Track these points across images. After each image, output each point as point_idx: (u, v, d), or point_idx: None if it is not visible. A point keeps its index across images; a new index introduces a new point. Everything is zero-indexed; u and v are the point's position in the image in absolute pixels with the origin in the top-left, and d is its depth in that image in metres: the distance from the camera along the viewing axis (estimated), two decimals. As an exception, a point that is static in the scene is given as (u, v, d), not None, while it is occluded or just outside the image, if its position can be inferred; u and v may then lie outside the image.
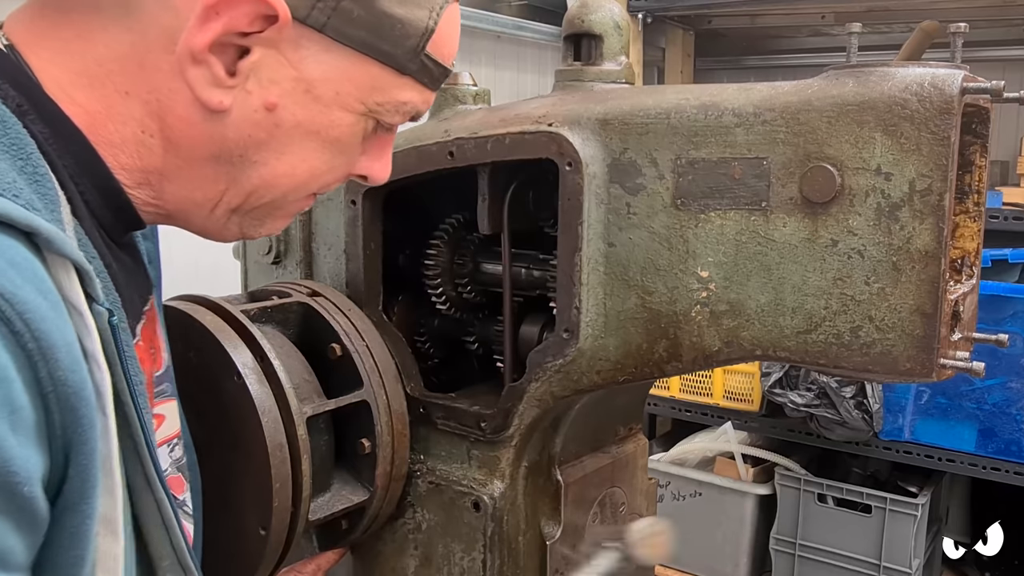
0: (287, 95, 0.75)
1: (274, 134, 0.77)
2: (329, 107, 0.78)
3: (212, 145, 0.76)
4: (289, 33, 0.73)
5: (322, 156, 0.81)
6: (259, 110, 0.75)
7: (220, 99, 0.73)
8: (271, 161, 0.78)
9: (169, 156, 0.76)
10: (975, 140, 1.06)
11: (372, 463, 1.24)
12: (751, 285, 1.06)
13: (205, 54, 0.71)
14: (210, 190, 0.79)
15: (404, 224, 1.41)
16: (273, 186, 0.80)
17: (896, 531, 2.87)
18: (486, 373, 1.43)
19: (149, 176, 0.77)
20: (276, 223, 0.87)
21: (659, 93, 1.14)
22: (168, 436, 0.94)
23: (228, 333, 1.13)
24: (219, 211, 0.81)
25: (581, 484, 1.35)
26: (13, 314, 0.57)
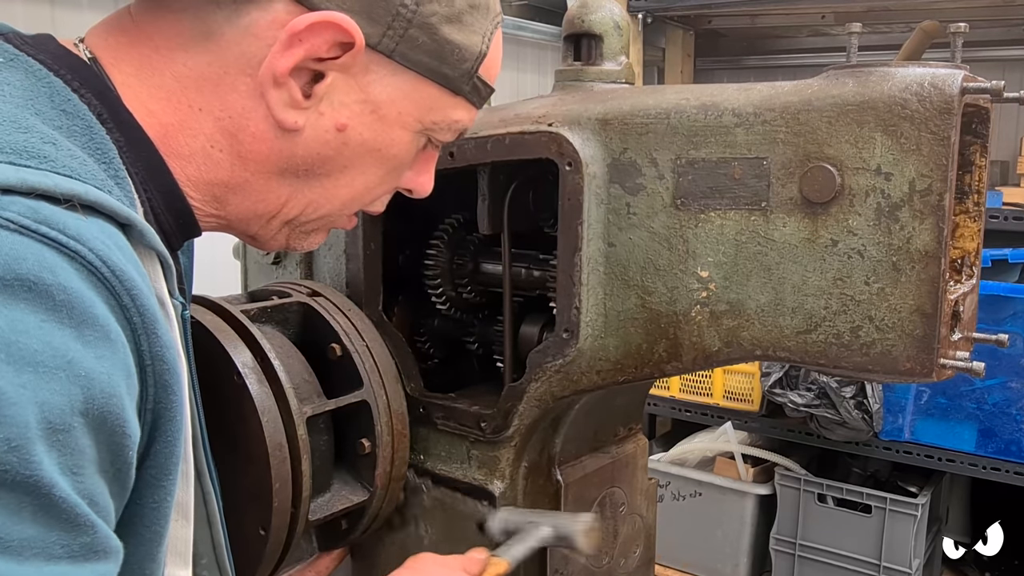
0: (356, 116, 0.80)
1: (341, 152, 0.81)
2: (391, 126, 0.83)
3: (280, 161, 0.80)
4: (361, 58, 0.77)
5: (379, 172, 0.86)
6: (330, 130, 0.80)
7: (295, 120, 0.78)
8: (334, 175, 0.83)
9: (236, 170, 0.80)
10: (975, 140, 1.06)
11: (372, 463, 1.24)
12: (751, 285, 1.06)
13: (286, 78, 0.76)
14: (272, 203, 0.83)
15: (404, 224, 1.41)
16: (331, 199, 0.85)
17: (896, 531, 2.87)
18: (486, 373, 1.43)
19: (214, 188, 0.81)
20: (319, 236, 0.91)
21: (659, 93, 1.14)
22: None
23: (228, 333, 1.13)
24: (275, 222, 0.86)
25: (581, 484, 1.35)
26: (121, 289, 0.61)
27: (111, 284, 0.61)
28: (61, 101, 0.70)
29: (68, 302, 0.58)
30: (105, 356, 0.59)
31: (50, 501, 0.55)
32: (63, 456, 0.56)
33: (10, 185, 0.59)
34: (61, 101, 0.70)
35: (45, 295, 0.57)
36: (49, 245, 0.58)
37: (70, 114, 0.70)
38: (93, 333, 0.59)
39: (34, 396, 0.55)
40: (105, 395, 0.59)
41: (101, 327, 0.59)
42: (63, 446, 0.56)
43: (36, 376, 0.55)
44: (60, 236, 0.59)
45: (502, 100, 1.38)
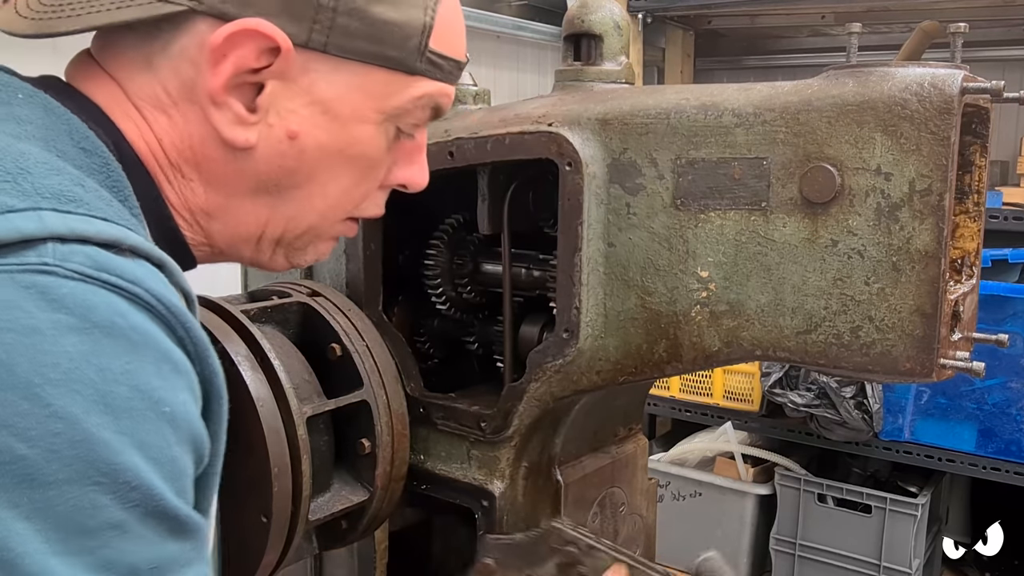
0: (306, 121, 0.78)
1: (302, 160, 0.80)
2: (348, 124, 0.80)
3: (248, 181, 0.80)
4: (295, 61, 0.75)
5: (350, 173, 0.84)
6: (283, 140, 0.78)
7: (245, 137, 0.77)
8: (304, 185, 0.82)
9: (211, 196, 0.80)
10: (975, 140, 1.06)
11: (372, 463, 1.24)
12: (751, 285, 1.06)
13: (223, 96, 0.75)
14: (252, 224, 0.83)
15: (404, 224, 1.41)
16: (309, 210, 0.84)
17: (896, 531, 2.87)
18: (486, 373, 1.43)
19: (196, 216, 0.81)
20: (320, 248, 0.90)
21: (659, 93, 1.14)
22: None
23: (228, 333, 1.13)
24: (264, 244, 0.85)
25: (581, 484, 1.35)
26: (176, 323, 0.64)
27: (168, 319, 0.64)
28: (80, 138, 0.71)
29: (143, 342, 0.61)
30: (180, 387, 0.63)
31: (178, 520, 0.61)
32: (174, 482, 0.62)
33: (60, 234, 0.60)
34: (80, 138, 0.71)
35: (123, 339, 0.60)
36: (112, 290, 0.60)
37: (89, 152, 0.71)
38: (167, 366, 0.62)
39: (132, 441, 0.59)
40: (188, 421, 0.64)
41: (172, 361, 0.63)
42: (171, 474, 0.61)
43: (132, 422, 0.59)
44: (120, 281, 0.61)
45: (502, 100, 1.38)
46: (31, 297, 0.57)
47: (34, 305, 0.57)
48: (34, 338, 0.56)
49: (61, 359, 0.56)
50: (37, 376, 0.55)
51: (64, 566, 0.55)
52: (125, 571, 0.58)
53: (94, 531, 0.57)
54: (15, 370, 0.55)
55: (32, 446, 0.55)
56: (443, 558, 1.46)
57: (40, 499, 0.55)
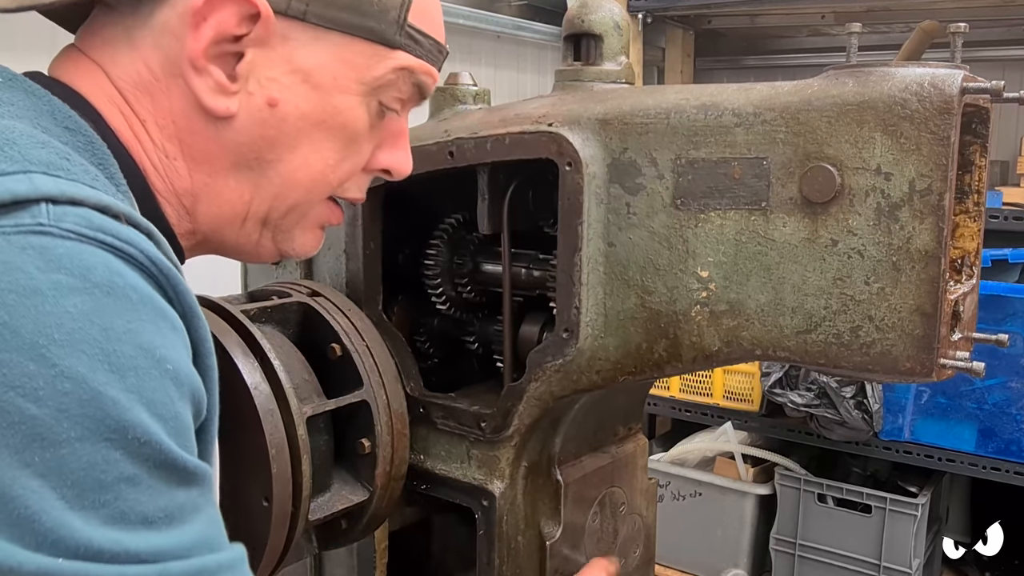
0: (287, 89, 0.79)
1: (283, 129, 0.80)
2: (329, 93, 0.80)
3: (230, 154, 0.80)
4: (275, 28, 0.76)
5: (333, 145, 0.83)
6: (263, 109, 0.78)
7: (226, 105, 0.77)
8: (285, 157, 0.81)
9: (195, 175, 0.80)
10: (975, 140, 1.06)
11: (372, 463, 1.24)
12: (751, 285, 1.06)
13: (203, 62, 0.75)
14: (236, 202, 0.83)
15: (404, 224, 1.41)
16: (293, 185, 0.83)
17: (896, 531, 2.87)
18: (486, 373, 1.43)
19: (181, 198, 0.81)
20: (307, 236, 0.90)
21: (659, 93, 1.14)
22: None
23: (228, 333, 1.13)
24: (249, 224, 0.85)
25: (581, 484, 1.35)
26: (167, 283, 0.65)
27: (159, 279, 0.65)
28: (63, 118, 0.72)
29: (141, 301, 0.62)
30: (177, 343, 0.65)
31: (186, 471, 0.63)
32: (179, 436, 0.63)
33: (52, 196, 0.60)
34: (63, 118, 0.72)
35: (123, 297, 0.61)
36: (108, 250, 0.61)
37: (72, 131, 0.71)
38: (165, 323, 0.64)
39: (140, 398, 0.60)
40: (188, 377, 0.65)
41: (169, 319, 0.64)
42: (176, 429, 0.62)
43: (138, 380, 0.60)
44: (115, 241, 0.62)
45: (502, 100, 1.38)
46: (29, 258, 0.58)
47: (33, 266, 0.57)
48: (35, 299, 0.57)
49: (64, 319, 0.57)
50: (42, 337, 0.56)
51: (80, 520, 0.56)
52: (138, 520, 0.59)
53: (108, 485, 0.58)
54: (19, 332, 0.56)
55: (41, 406, 0.56)
56: (443, 558, 1.46)
57: (52, 457, 0.56)
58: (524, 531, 1.30)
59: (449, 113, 1.36)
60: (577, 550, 1.35)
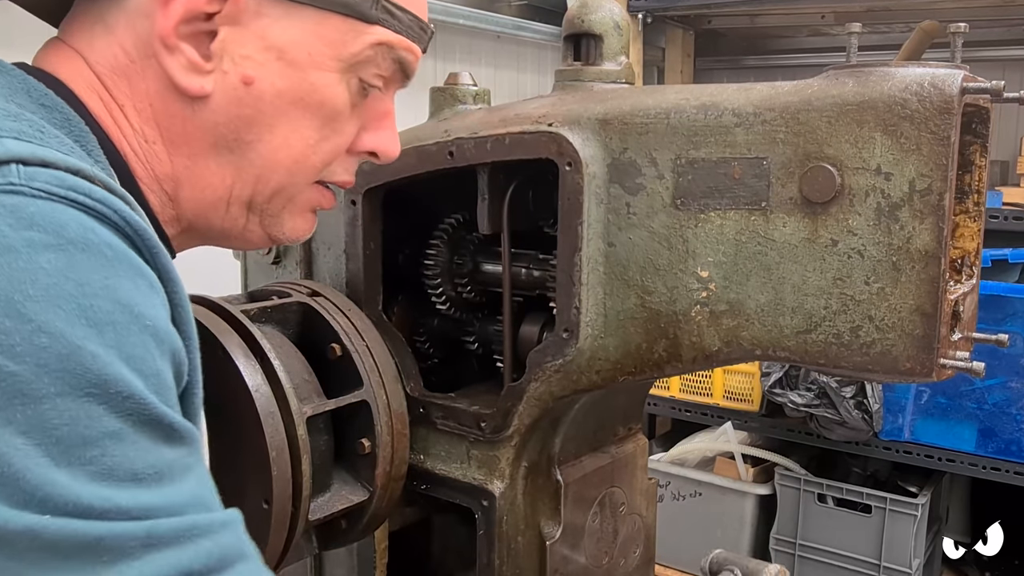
0: (262, 67, 0.78)
1: (259, 108, 0.78)
2: (305, 70, 0.79)
3: (208, 136, 0.79)
4: (247, 5, 0.76)
5: (312, 123, 0.82)
6: (238, 87, 0.77)
7: (200, 84, 0.76)
8: (264, 137, 0.80)
9: (175, 158, 0.79)
10: (975, 140, 1.06)
11: (372, 463, 1.24)
12: (751, 285, 1.06)
13: (174, 40, 0.75)
14: (219, 186, 0.81)
15: (404, 224, 1.41)
16: (274, 166, 0.82)
17: (896, 531, 2.87)
18: (486, 373, 1.43)
19: (163, 184, 0.80)
20: (296, 221, 0.88)
21: (659, 93, 1.14)
22: None
23: (228, 333, 1.13)
24: (234, 209, 0.83)
25: (581, 484, 1.35)
26: (143, 244, 0.64)
27: (135, 239, 0.64)
28: (39, 96, 0.72)
29: (116, 257, 0.61)
30: (156, 302, 0.64)
31: (172, 428, 0.62)
32: (161, 394, 0.61)
33: (23, 158, 0.60)
34: (39, 96, 0.72)
35: (98, 254, 0.60)
36: (80, 208, 0.61)
37: (49, 107, 0.71)
38: (142, 281, 0.63)
39: (119, 353, 0.59)
40: (168, 334, 0.64)
41: (145, 276, 0.63)
42: (157, 387, 0.61)
43: (116, 335, 0.59)
44: (88, 199, 0.61)
45: (502, 100, 1.38)
46: (0, 217, 0.57)
47: (5, 224, 0.57)
48: (8, 256, 0.56)
49: (39, 275, 0.57)
50: (17, 293, 0.56)
51: (67, 477, 0.55)
52: (127, 477, 0.58)
53: (92, 441, 0.57)
54: None
55: (20, 362, 0.55)
56: (443, 558, 1.46)
57: (34, 414, 0.55)
58: (524, 531, 1.30)
59: (449, 113, 1.36)
60: (577, 550, 1.35)
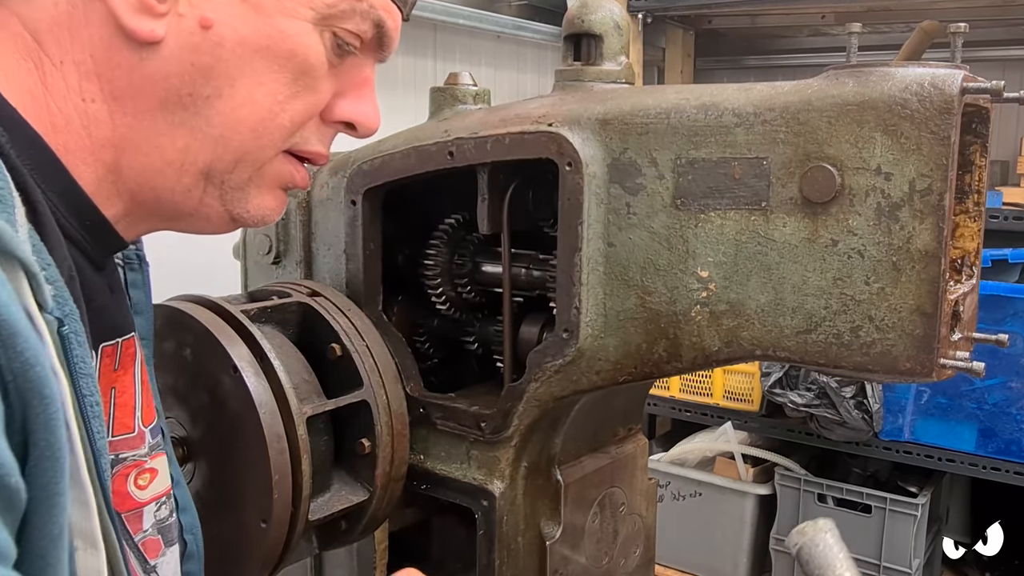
0: (222, 9, 0.69)
1: (219, 56, 0.70)
2: (272, 16, 0.71)
3: (157, 89, 0.69)
4: None
5: (280, 77, 0.72)
6: (195, 32, 0.69)
7: (151, 28, 0.68)
8: (224, 91, 0.71)
9: (117, 117, 0.70)
10: (975, 140, 1.06)
11: (372, 463, 1.24)
12: (751, 285, 1.06)
13: None
14: (168, 148, 0.71)
15: (404, 224, 1.41)
16: (235, 124, 0.72)
17: (896, 531, 2.87)
18: (486, 373, 1.43)
19: (102, 153, 0.71)
20: (264, 198, 0.78)
21: (659, 93, 1.14)
22: (158, 493, 0.86)
23: (228, 333, 1.13)
24: (187, 178, 0.73)
25: (581, 484, 1.35)
26: None
27: None
28: None
29: None
30: None
31: None
32: None
33: None
34: None
35: None
36: None
37: None
38: None
39: None
40: None
41: None
42: None
43: None
44: None
45: (502, 100, 1.38)
46: None
47: None
48: None
49: None
50: None
51: None
52: None
53: None
54: None
55: None
56: (443, 558, 1.46)
57: None
58: (524, 531, 1.29)
59: (449, 113, 1.36)
60: (577, 550, 1.35)
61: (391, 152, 1.30)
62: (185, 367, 1.14)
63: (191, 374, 1.14)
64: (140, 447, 0.84)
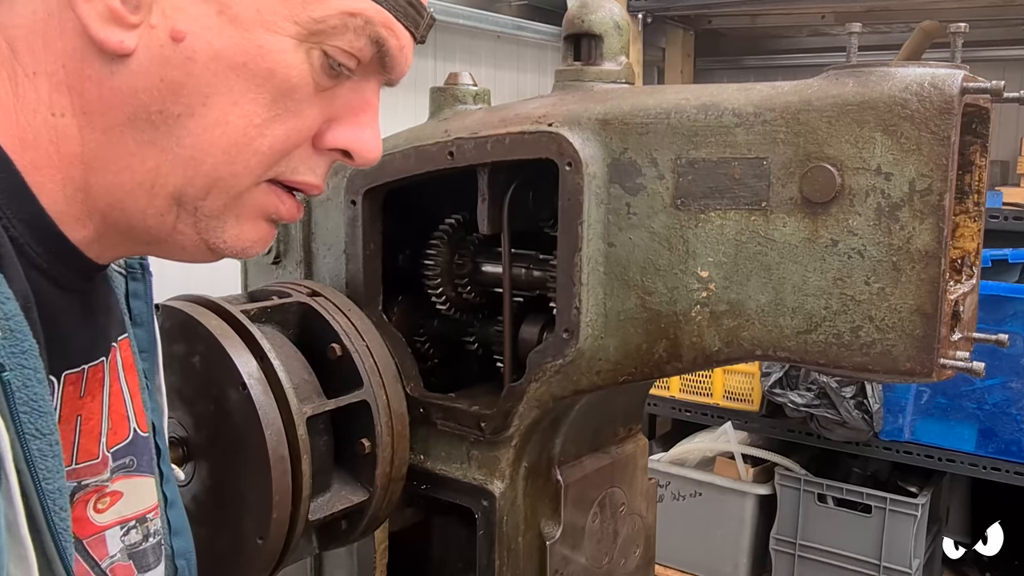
0: (196, 20, 0.65)
1: (190, 71, 0.65)
2: (251, 30, 0.65)
3: (126, 104, 0.66)
4: None
5: (258, 97, 0.67)
6: (166, 44, 0.64)
7: (120, 39, 0.64)
8: (196, 110, 0.66)
9: (86, 132, 0.67)
10: (975, 140, 1.06)
11: (372, 463, 1.24)
12: (751, 285, 1.06)
13: None
14: (138, 168, 0.67)
15: (404, 224, 1.41)
16: (206, 146, 0.67)
17: (896, 531, 2.87)
18: (486, 373, 1.43)
19: (71, 170, 0.67)
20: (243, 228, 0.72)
21: (659, 93, 1.14)
22: (125, 517, 0.82)
23: (228, 333, 1.13)
24: (158, 201, 0.69)
25: (581, 484, 1.35)
26: None
27: None
28: None
29: None
30: None
31: None
32: None
33: None
34: None
35: None
36: None
37: None
38: None
39: None
40: None
41: None
42: None
43: None
44: None
45: (502, 100, 1.38)
46: None
47: None
48: None
49: None
50: None
51: None
52: None
53: None
54: None
55: None
56: (443, 558, 1.46)
57: None
58: (524, 532, 1.29)
59: (449, 113, 1.36)
60: (577, 551, 1.35)
61: (391, 152, 1.30)
62: (193, 374, 1.14)
63: (198, 381, 1.14)
64: (103, 472, 0.81)
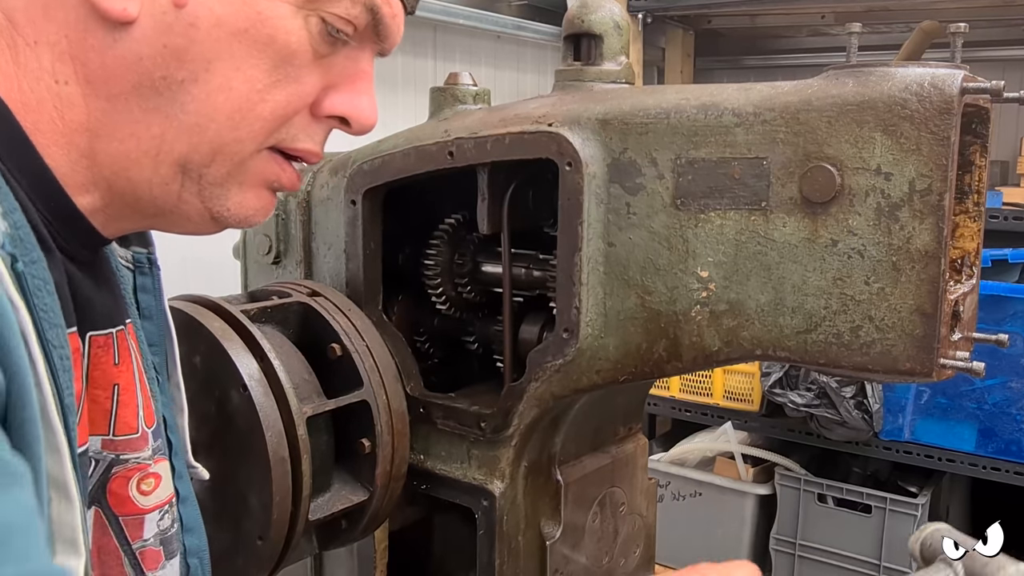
0: None
1: (193, 37, 0.67)
2: None
3: (130, 72, 0.67)
4: None
5: (259, 63, 0.69)
6: (168, 11, 0.67)
7: (123, 6, 0.66)
8: (199, 76, 0.68)
9: (91, 100, 0.68)
10: (975, 140, 1.06)
11: (372, 463, 1.24)
12: (751, 285, 1.06)
13: None
14: (143, 136, 0.69)
15: (404, 224, 1.41)
16: (211, 112, 0.69)
17: (896, 531, 2.87)
18: (486, 373, 1.43)
19: (76, 137, 0.69)
20: (245, 195, 0.74)
21: (659, 93, 1.14)
22: (162, 501, 0.84)
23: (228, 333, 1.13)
24: (164, 170, 0.70)
25: (581, 484, 1.35)
26: None
27: None
28: None
29: None
30: None
31: None
32: None
33: None
34: None
35: None
36: None
37: None
38: None
39: None
40: None
41: None
42: None
43: None
44: None
45: (502, 100, 1.38)
46: None
47: None
48: None
49: None
50: None
51: None
52: None
53: None
54: None
55: None
56: (443, 558, 1.46)
57: None
58: (524, 531, 1.30)
59: (449, 113, 1.36)
60: (577, 550, 1.35)
61: (391, 152, 1.30)
62: (194, 374, 1.14)
63: (199, 381, 1.14)
64: (144, 449, 0.81)
